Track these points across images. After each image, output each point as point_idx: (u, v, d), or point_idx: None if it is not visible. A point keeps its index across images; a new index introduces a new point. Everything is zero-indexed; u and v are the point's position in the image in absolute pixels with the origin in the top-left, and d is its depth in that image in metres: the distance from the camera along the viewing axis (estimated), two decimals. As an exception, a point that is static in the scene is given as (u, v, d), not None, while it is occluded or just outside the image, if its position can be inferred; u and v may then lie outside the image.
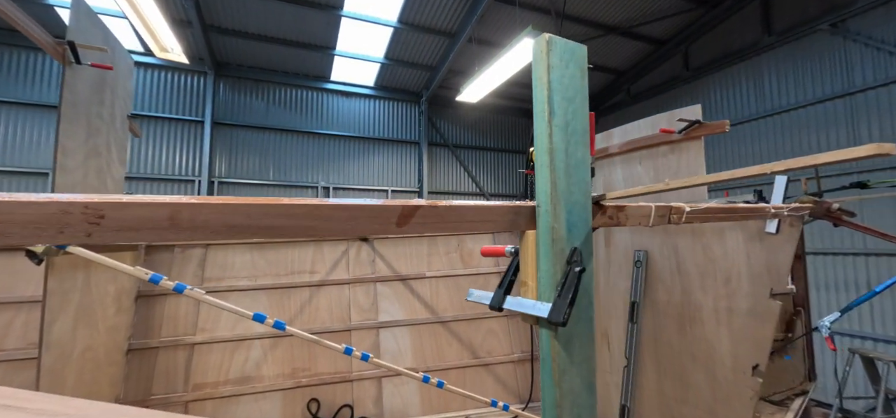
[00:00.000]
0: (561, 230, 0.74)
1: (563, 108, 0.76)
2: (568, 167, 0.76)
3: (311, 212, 0.55)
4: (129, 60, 3.31)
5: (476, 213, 0.71)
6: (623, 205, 0.93)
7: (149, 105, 8.50)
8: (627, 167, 3.09)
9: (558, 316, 0.69)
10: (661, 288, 2.78)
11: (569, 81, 0.77)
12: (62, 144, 2.36)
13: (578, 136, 0.78)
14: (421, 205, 0.65)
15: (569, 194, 0.75)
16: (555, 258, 0.73)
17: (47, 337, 2.25)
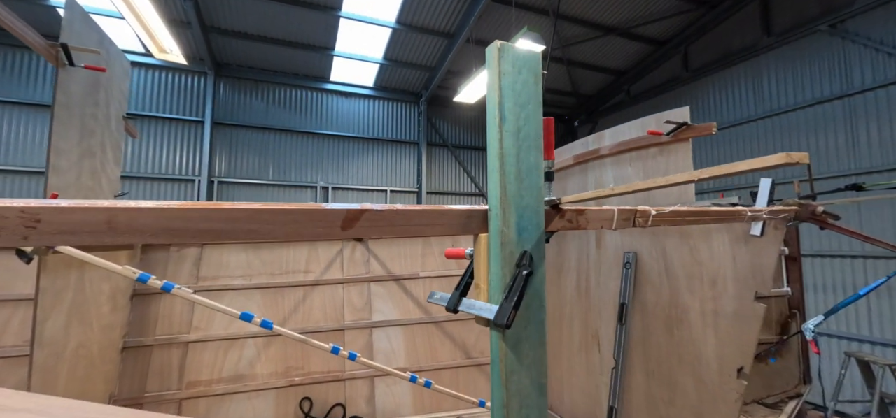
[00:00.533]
0: (510, 233, 0.75)
1: (514, 114, 0.77)
2: (519, 172, 0.77)
3: (252, 217, 0.57)
4: (126, 62, 3.35)
5: (426, 217, 0.73)
6: (582, 209, 0.94)
7: (150, 105, 8.57)
8: (618, 168, 3.10)
9: (502, 318, 0.71)
10: (649, 289, 2.79)
11: (521, 87, 0.79)
12: (55, 145, 2.40)
13: (531, 142, 0.79)
14: (366, 210, 0.66)
15: (519, 199, 0.76)
16: (504, 261, 0.75)
17: (39, 335, 2.28)
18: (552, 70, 10.12)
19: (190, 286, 3.68)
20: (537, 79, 0.81)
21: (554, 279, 3.71)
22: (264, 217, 0.57)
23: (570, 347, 3.49)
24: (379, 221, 0.67)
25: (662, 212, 1.10)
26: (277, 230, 0.58)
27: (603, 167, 3.21)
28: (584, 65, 10.12)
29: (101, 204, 0.48)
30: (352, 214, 0.64)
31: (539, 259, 0.78)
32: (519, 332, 0.74)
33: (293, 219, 0.59)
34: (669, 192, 2.59)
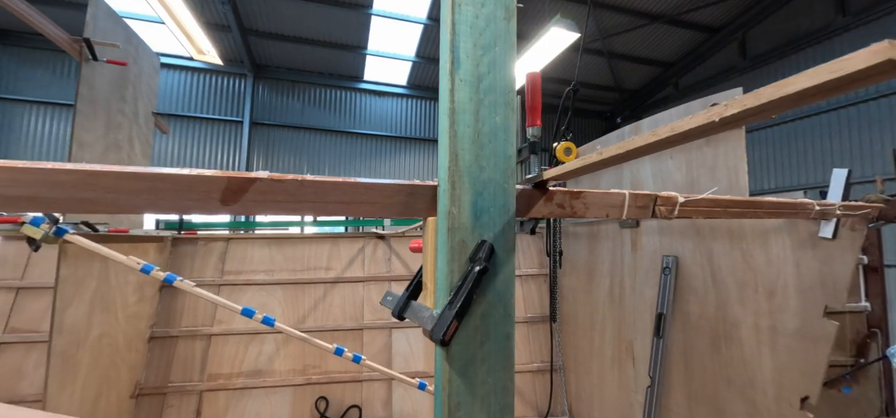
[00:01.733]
0: (462, 216, 0.55)
1: (473, 58, 0.57)
2: (478, 135, 0.57)
3: (85, 181, 0.43)
4: (155, 60, 3.44)
5: (347, 192, 0.55)
6: (580, 192, 0.72)
7: (193, 106, 9.05)
8: (657, 162, 2.77)
9: (438, 331, 0.51)
10: (692, 299, 2.45)
11: (485, 24, 0.59)
12: (78, 138, 2.46)
13: (497, 96, 0.59)
14: (257, 179, 0.50)
15: (477, 171, 0.57)
16: (451, 253, 0.55)
17: (59, 322, 2.33)
18: (592, 63, 9.61)
19: (215, 279, 3.74)
20: (509, 14, 0.61)
21: (584, 284, 3.41)
22: (103, 182, 0.42)
23: (602, 359, 3.18)
24: (276, 194, 0.50)
25: (693, 199, 0.85)
26: (125, 201, 0.44)
27: (640, 160, 2.88)
28: (626, 57, 9.53)
29: None
30: (236, 183, 0.48)
31: (505, 252, 0.58)
32: (471, 350, 0.54)
33: (150, 187, 0.44)
34: (717, 185, 2.25)
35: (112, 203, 0.44)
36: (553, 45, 5.45)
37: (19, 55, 8.38)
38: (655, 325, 2.57)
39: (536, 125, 0.69)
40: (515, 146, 0.60)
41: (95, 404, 2.68)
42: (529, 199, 0.68)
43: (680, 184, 2.50)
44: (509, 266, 0.58)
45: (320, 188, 0.52)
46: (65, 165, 0.41)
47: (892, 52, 0.25)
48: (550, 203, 0.70)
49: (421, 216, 0.60)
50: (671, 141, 0.47)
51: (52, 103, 8.37)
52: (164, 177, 0.45)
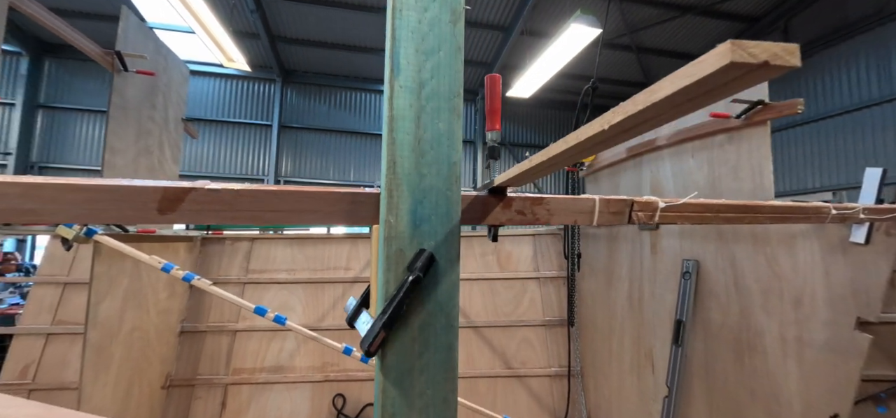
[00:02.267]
0: (400, 225, 0.55)
1: (414, 64, 0.57)
2: (419, 142, 0.56)
3: (26, 193, 0.45)
4: (184, 69, 3.62)
5: (288, 201, 0.55)
6: (542, 197, 0.70)
7: (224, 111, 9.49)
8: (677, 161, 2.65)
9: (365, 342, 0.51)
10: (714, 306, 2.33)
11: (428, 28, 0.58)
12: (110, 144, 2.62)
13: (441, 101, 0.58)
14: (193, 189, 0.51)
15: (418, 178, 0.56)
16: (388, 263, 0.55)
17: (93, 316, 2.49)
18: (620, 59, 9.31)
19: (240, 277, 3.89)
20: (456, 17, 0.60)
21: (603, 287, 3.31)
22: (43, 194, 0.45)
23: (621, 366, 3.07)
24: (213, 204, 0.51)
25: (676, 204, 0.81)
26: (65, 211, 0.46)
27: (660, 160, 2.77)
28: (656, 51, 9.16)
29: None
30: (172, 193, 0.49)
31: (448, 262, 0.57)
32: (409, 362, 0.54)
33: (87, 198, 0.46)
34: (741, 187, 2.13)
35: (52, 213, 0.46)
36: (574, 42, 5.31)
37: (72, 68, 9.07)
38: (674, 333, 2.45)
39: (495, 129, 0.68)
40: (461, 152, 0.59)
41: (128, 393, 2.85)
42: (485, 206, 0.66)
43: (701, 184, 2.38)
44: (452, 275, 0.57)
45: (258, 198, 0.52)
46: (10, 178, 0.44)
47: (734, 53, 0.22)
48: (509, 209, 0.68)
49: (366, 224, 0.60)
50: (575, 149, 0.45)
51: (99, 111, 9.01)
52: (102, 189, 0.47)
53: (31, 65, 8.70)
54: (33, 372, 3.23)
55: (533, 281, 3.96)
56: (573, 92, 10.43)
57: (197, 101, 9.17)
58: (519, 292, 3.92)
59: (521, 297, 3.87)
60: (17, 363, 3.26)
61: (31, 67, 8.71)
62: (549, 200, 0.71)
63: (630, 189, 3.05)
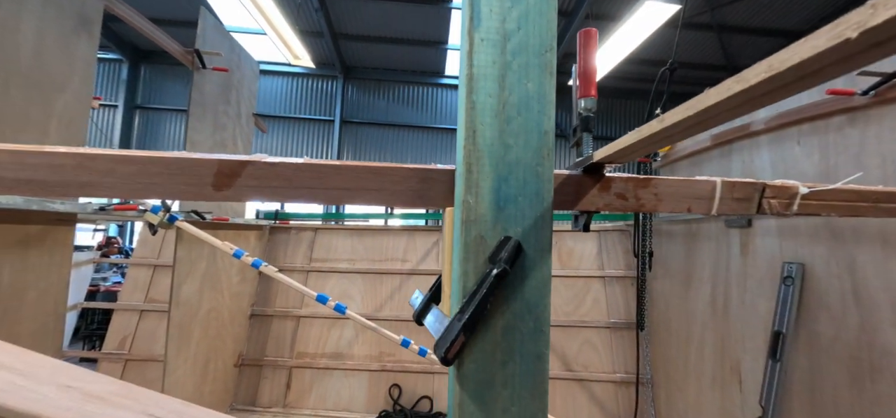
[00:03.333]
0: (480, 207, 0.46)
1: (498, 12, 0.47)
2: (503, 106, 0.47)
3: (81, 165, 0.42)
4: (255, 66, 3.82)
5: (349, 178, 0.48)
6: (649, 179, 0.57)
7: (290, 108, 10.07)
8: (778, 148, 2.31)
9: (441, 346, 0.42)
10: (825, 317, 1.99)
11: (513, -32, 0.47)
12: (191, 138, 2.81)
13: (531, 57, 0.47)
14: (249, 162, 0.46)
15: (502, 150, 0.46)
16: (466, 251, 0.45)
17: (176, 297, 2.70)
18: (696, 39, 8.48)
19: (304, 265, 4.06)
20: (549, -48, 0.49)
21: (679, 290, 3.00)
22: (98, 166, 0.42)
23: (700, 378, 2.77)
24: (271, 180, 0.45)
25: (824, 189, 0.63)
26: (120, 185, 0.43)
27: (756, 148, 2.43)
28: (740, 29, 8.21)
29: None
30: (227, 167, 0.44)
31: (538, 252, 0.46)
32: (490, 371, 0.44)
33: (141, 171, 0.43)
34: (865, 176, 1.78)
35: (109, 187, 0.43)
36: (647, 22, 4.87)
37: (162, 72, 10.10)
38: (771, 345, 2.14)
39: (591, 96, 0.56)
40: (553, 119, 0.48)
41: (205, 368, 3.08)
42: (578, 187, 0.55)
43: (811, 176, 2.04)
44: (543, 269, 0.47)
45: (319, 172, 0.46)
46: (65, 149, 0.42)
47: None
48: (607, 192, 0.56)
49: (437, 205, 0.51)
50: (721, 107, 0.32)
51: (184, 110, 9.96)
52: (155, 161, 0.43)
53: (129, 70, 9.82)
54: (129, 344, 3.61)
55: (597, 279, 3.71)
56: (640, 79, 9.68)
57: (265, 99, 9.80)
58: (581, 291, 3.70)
59: (583, 297, 3.65)
60: (117, 335, 3.66)
61: (129, 72, 9.82)
62: (658, 182, 0.57)
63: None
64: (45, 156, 0.42)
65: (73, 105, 1.80)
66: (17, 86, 1.58)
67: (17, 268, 1.62)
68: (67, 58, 1.78)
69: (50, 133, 1.71)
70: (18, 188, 0.42)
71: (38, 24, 1.64)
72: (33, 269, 1.70)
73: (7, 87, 1.53)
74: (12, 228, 1.61)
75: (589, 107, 0.56)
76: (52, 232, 1.78)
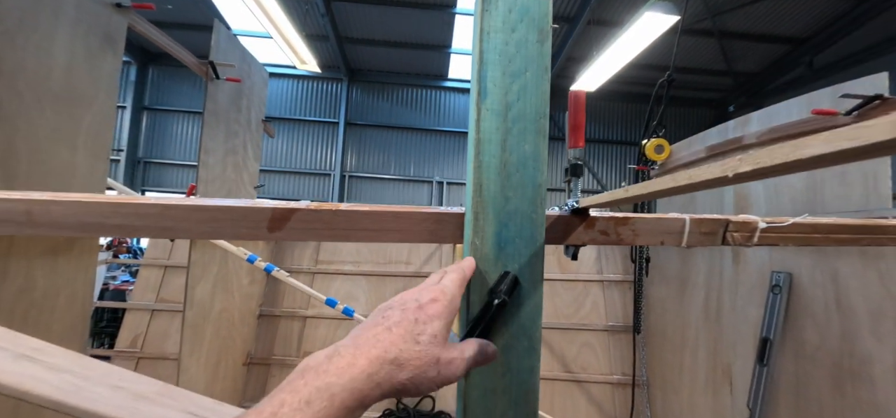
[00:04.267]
0: (485, 248, 0.56)
1: (501, 87, 0.57)
2: (505, 165, 0.57)
3: (163, 213, 0.53)
4: (264, 73, 3.93)
5: (377, 220, 0.58)
6: (627, 217, 0.67)
7: (295, 110, 10.21)
8: (768, 162, 2.39)
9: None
10: (810, 325, 2.09)
11: (515, 50, 0.58)
12: (205, 145, 2.92)
13: (527, 123, 0.58)
14: (297, 209, 0.56)
15: (503, 201, 0.57)
16: (473, 284, 0.56)
17: (190, 298, 2.81)
18: (698, 45, 8.56)
19: (310, 267, 4.18)
20: (542, 36, 0.59)
21: (675, 295, 3.10)
22: (176, 214, 0.52)
23: (694, 380, 2.87)
24: (313, 223, 0.56)
25: (779, 224, 0.74)
26: (193, 229, 0.53)
27: (747, 161, 2.51)
28: (743, 35, 8.29)
29: (20, 195, 0.49)
30: (279, 213, 0.55)
31: (531, 284, 0.57)
32: (492, 382, 0.55)
33: (211, 217, 0.53)
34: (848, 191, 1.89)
35: (184, 231, 0.54)
36: (648, 31, 4.97)
37: (170, 74, 10.24)
38: (759, 351, 2.24)
39: (578, 147, 0.66)
40: (545, 174, 0.59)
41: (216, 368, 3.19)
42: (567, 226, 0.65)
43: (799, 190, 2.14)
44: (536, 297, 0.57)
45: (351, 217, 0.56)
46: (150, 200, 0.52)
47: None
48: (592, 229, 0.66)
49: (449, 242, 0.62)
50: (689, 188, 0.43)
51: (191, 112, 10.10)
52: (223, 210, 0.53)
53: (138, 72, 9.96)
54: (141, 342, 3.73)
55: (596, 283, 3.81)
56: (641, 83, 9.76)
57: (271, 101, 9.94)
58: (580, 294, 3.80)
59: (582, 300, 3.75)
60: (129, 333, 3.78)
61: (138, 74, 9.96)
62: (635, 220, 0.68)
63: (709, 192, 2.82)
64: (135, 206, 0.52)
65: (99, 119, 1.91)
66: (50, 104, 1.69)
67: (49, 273, 1.73)
68: (94, 74, 1.89)
69: (78, 147, 1.82)
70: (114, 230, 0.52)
71: (68, 44, 1.75)
72: (63, 274, 1.81)
73: (42, 106, 1.65)
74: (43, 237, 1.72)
75: (577, 157, 0.66)
76: (79, 240, 1.89)
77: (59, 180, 1.72)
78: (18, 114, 1.55)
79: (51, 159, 1.67)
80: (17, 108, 1.54)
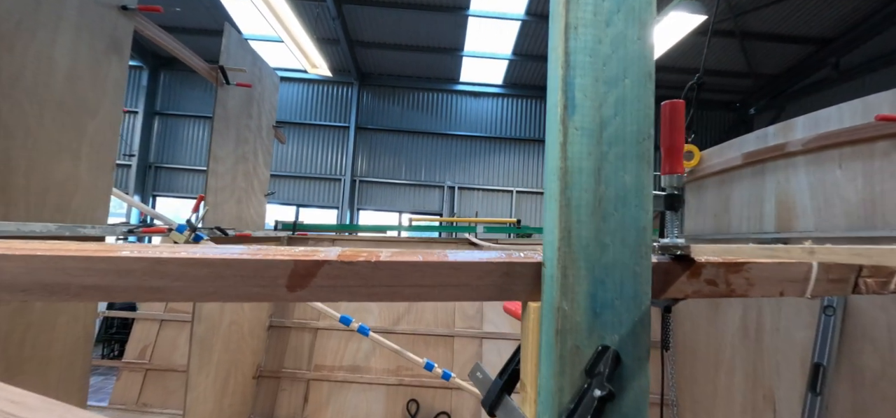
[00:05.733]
0: (576, 314, 0.42)
1: (594, 98, 0.43)
2: (600, 202, 0.43)
3: (152, 269, 0.40)
4: (275, 78, 3.84)
5: (427, 274, 0.45)
6: (742, 263, 0.53)
7: (305, 115, 10.16)
8: (817, 171, 2.22)
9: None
10: (870, 351, 1.91)
11: (611, 50, 0.44)
12: (214, 153, 2.83)
13: (629, 147, 0.44)
14: (327, 262, 0.43)
15: (597, 252, 0.42)
16: (561, 361, 0.42)
17: (199, 312, 2.71)
18: (717, 46, 8.32)
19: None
20: (644, 31, 0.45)
21: (707, 313, 2.92)
22: (169, 269, 0.39)
23: (730, 404, 2.68)
24: (347, 279, 0.42)
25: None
26: (190, 289, 0.40)
27: (792, 168, 2.34)
28: (765, 36, 8.03)
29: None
30: (303, 268, 0.41)
31: (635, 361, 0.43)
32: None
33: (213, 274, 0.40)
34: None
35: (178, 292, 0.41)
36: (672, 31, 4.78)
37: (181, 78, 10.27)
38: (811, 378, 2.05)
39: (677, 173, 0.52)
40: (651, 213, 0.44)
41: (226, 382, 3.08)
42: (666, 275, 0.51)
43: (853, 203, 1.96)
44: (641, 380, 0.43)
45: (397, 270, 0.43)
46: (134, 253, 0.39)
47: None
48: (696, 279, 0.51)
49: (520, 299, 0.48)
50: None
51: (202, 116, 10.12)
52: (229, 264, 0.40)
53: (149, 77, 10.00)
54: (150, 353, 3.64)
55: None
56: (667, 85, 9.53)
57: (282, 106, 9.91)
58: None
59: (605, 314, 3.58)
60: (138, 344, 3.70)
61: (149, 79, 10.01)
62: (751, 266, 0.53)
63: (746, 202, 2.64)
64: (114, 261, 0.40)
65: (104, 128, 1.81)
66: (51, 113, 1.58)
67: (50, 293, 1.61)
68: (99, 81, 1.79)
69: (82, 157, 1.72)
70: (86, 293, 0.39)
71: (71, 49, 1.65)
72: (64, 293, 1.69)
73: (41, 115, 1.54)
74: (46, 254, 1.61)
75: (676, 185, 0.52)
76: (83, 255, 1.78)
77: (61, 194, 1.61)
78: (17, 124, 1.44)
79: (52, 171, 1.57)
80: (15, 118, 1.44)
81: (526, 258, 0.47)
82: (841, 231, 2.01)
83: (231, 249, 0.41)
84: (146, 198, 10.12)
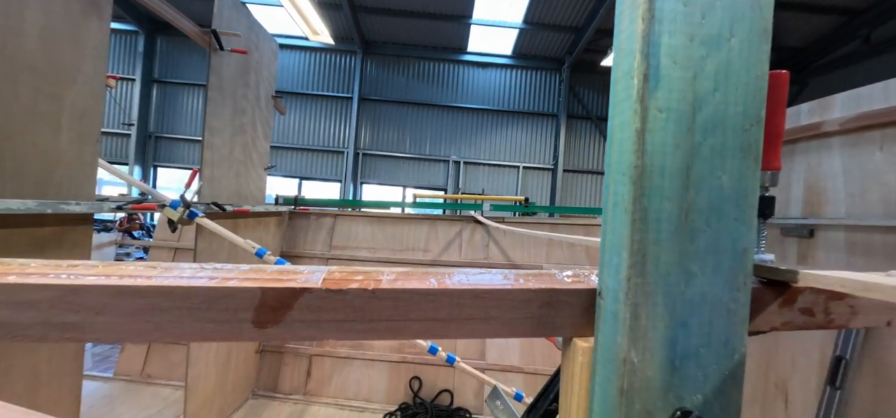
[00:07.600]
0: (649, 368, 0.31)
1: (686, 65, 0.30)
2: (688, 213, 0.31)
3: (61, 300, 0.29)
4: (274, 45, 3.65)
5: (441, 307, 0.33)
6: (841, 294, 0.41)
7: (308, 84, 9.88)
8: (855, 154, 2.07)
9: None
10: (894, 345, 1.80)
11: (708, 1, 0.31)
12: (209, 124, 2.69)
13: (730, 135, 0.31)
14: (306, 290, 0.31)
15: (682, 283, 0.31)
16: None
17: (197, 288, 2.63)
18: (737, 18, 7.91)
19: (324, 253, 4.00)
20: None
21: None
22: (88, 302, 0.28)
23: (740, 392, 2.61)
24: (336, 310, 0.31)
25: None
26: (118, 325, 0.29)
27: (826, 150, 2.18)
28: (789, 5, 7.63)
29: None
30: (273, 297, 0.30)
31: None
32: None
33: (148, 306, 0.29)
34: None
35: (104, 328, 0.30)
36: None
37: (178, 44, 9.97)
38: (831, 371, 1.96)
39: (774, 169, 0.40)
40: (754, 231, 0.32)
41: (228, 358, 3.05)
42: (754, 303, 0.39)
43: (893, 188, 1.81)
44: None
45: (402, 300, 0.31)
46: (40, 280, 0.28)
47: None
48: (789, 308, 0.40)
49: (565, 335, 0.36)
50: None
51: (201, 84, 9.90)
52: (170, 293, 0.29)
53: (146, 42, 9.71)
54: (152, 326, 3.62)
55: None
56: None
57: (282, 74, 9.64)
58: None
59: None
60: (140, 317, 3.68)
61: (146, 45, 9.72)
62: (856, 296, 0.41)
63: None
64: (7, 290, 0.29)
65: (85, 95, 1.68)
66: (25, 80, 1.46)
67: (34, 272, 1.51)
68: (77, 44, 1.65)
69: (62, 128, 1.60)
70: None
71: (43, 7, 1.50)
72: (51, 272, 1.60)
73: (14, 83, 1.41)
74: (25, 231, 1.52)
75: (771, 184, 0.40)
76: (70, 232, 1.69)
77: (41, 167, 1.50)
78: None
79: (28, 142, 1.46)
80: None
81: (573, 282, 0.35)
82: (877, 219, 1.88)
83: (179, 272, 0.30)
84: (147, 168, 10.01)
